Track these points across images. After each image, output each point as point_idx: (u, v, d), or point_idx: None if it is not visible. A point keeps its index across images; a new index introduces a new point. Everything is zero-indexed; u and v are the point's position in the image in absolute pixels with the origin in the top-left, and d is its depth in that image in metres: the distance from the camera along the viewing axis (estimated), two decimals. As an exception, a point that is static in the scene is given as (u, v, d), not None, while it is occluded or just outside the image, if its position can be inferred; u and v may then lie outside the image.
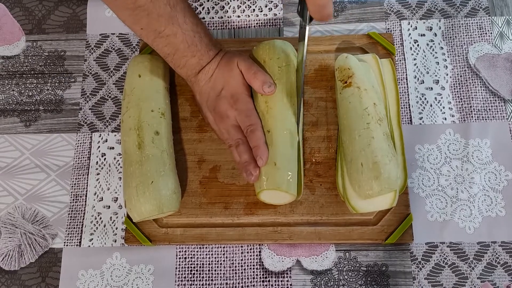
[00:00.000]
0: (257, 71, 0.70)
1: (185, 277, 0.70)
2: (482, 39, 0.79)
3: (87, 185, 0.75)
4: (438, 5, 0.82)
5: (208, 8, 0.85)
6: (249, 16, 0.84)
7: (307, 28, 0.62)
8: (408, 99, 0.77)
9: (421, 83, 0.77)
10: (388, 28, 0.81)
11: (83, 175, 0.76)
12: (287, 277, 0.69)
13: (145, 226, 0.71)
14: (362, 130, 0.66)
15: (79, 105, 0.80)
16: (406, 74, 0.78)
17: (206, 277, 0.70)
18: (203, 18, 0.84)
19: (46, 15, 0.86)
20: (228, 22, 0.83)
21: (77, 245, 0.72)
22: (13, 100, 0.81)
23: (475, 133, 0.74)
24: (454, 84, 0.77)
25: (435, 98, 0.76)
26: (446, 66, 0.78)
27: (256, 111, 0.71)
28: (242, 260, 0.70)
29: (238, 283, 0.69)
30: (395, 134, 0.71)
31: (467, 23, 0.80)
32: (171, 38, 0.66)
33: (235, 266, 0.70)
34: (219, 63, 0.71)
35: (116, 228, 0.73)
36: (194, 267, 0.70)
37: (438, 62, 0.78)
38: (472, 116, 0.75)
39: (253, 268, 0.70)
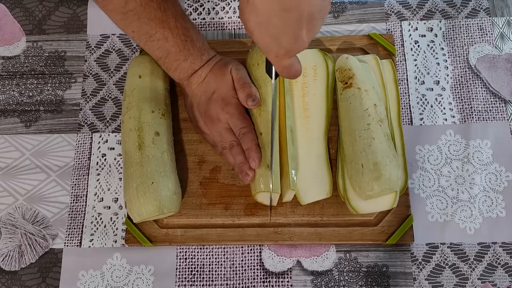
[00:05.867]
0: (246, 83, 0.70)
1: (185, 278, 0.70)
2: (482, 40, 0.79)
3: (87, 186, 0.75)
4: (439, 6, 0.82)
5: (208, 8, 0.85)
6: (249, 16, 0.84)
7: (274, 83, 0.61)
8: (409, 100, 0.77)
9: (421, 84, 0.77)
10: (389, 29, 0.81)
11: (84, 175, 0.76)
12: (287, 277, 0.69)
13: (146, 227, 0.71)
14: (362, 131, 0.66)
15: (79, 106, 0.80)
16: (407, 75, 0.78)
17: (206, 277, 0.70)
18: (203, 18, 0.84)
19: (47, 15, 0.86)
20: (229, 23, 0.83)
21: (77, 245, 0.72)
22: (13, 101, 0.81)
23: (476, 134, 0.74)
24: (454, 85, 0.77)
25: (436, 98, 0.76)
26: (447, 67, 0.78)
27: (249, 114, 0.71)
28: (242, 260, 0.70)
29: (239, 283, 0.69)
30: (396, 135, 0.71)
31: (467, 24, 0.80)
32: (162, 42, 0.67)
33: (236, 267, 0.70)
34: (212, 67, 0.71)
35: (117, 229, 0.73)
36: (194, 268, 0.70)
37: (438, 63, 0.78)
38: (472, 117, 0.75)
39: (254, 269, 0.70)
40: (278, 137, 0.69)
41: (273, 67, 0.56)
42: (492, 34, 0.79)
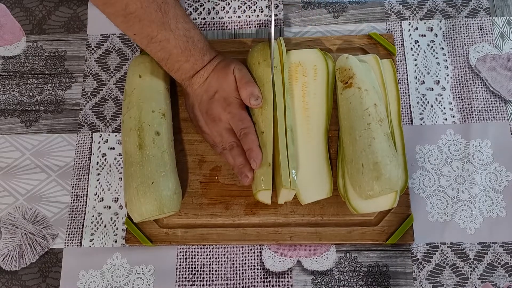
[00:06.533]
0: (249, 82, 0.70)
1: (185, 278, 0.70)
2: (482, 39, 0.79)
3: (87, 186, 0.75)
4: (439, 6, 0.82)
5: (208, 8, 0.85)
6: (249, 16, 0.84)
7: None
8: (409, 100, 0.77)
9: (421, 84, 0.77)
10: (389, 29, 0.81)
11: (84, 175, 0.76)
12: (287, 277, 0.69)
13: (146, 227, 0.71)
14: (362, 131, 0.66)
15: (79, 106, 0.80)
16: (407, 75, 0.78)
17: (206, 277, 0.70)
18: (204, 18, 0.84)
19: (47, 15, 0.86)
20: (229, 23, 0.83)
21: (77, 245, 0.72)
22: (13, 101, 0.81)
23: (476, 133, 0.74)
24: (454, 84, 0.77)
25: (436, 98, 0.76)
26: (447, 67, 0.78)
27: (250, 114, 0.71)
28: (242, 260, 0.70)
29: (239, 283, 0.69)
30: (396, 135, 0.71)
31: (467, 24, 0.80)
32: (164, 44, 0.67)
33: (236, 267, 0.70)
34: (215, 67, 0.71)
35: (117, 229, 0.73)
36: (194, 268, 0.70)
37: (438, 63, 0.78)
38: (472, 117, 0.75)
39: (254, 269, 0.70)
40: (284, 133, 0.68)
41: None
42: (492, 34, 0.79)
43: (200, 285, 0.70)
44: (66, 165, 0.77)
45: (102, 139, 0.78)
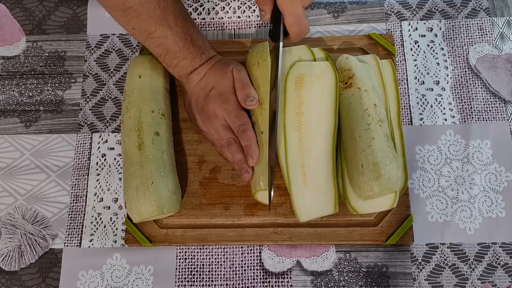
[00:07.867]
0: (246, 84, 0.70)
1: (185, 278, 0.70)
2: (482, 40, 0.79)
3: (87, 186, 0.75)
4: (439, 6, 0.82)
5: (208, 8, 0.85)
6: (249, 16, 0.84)
7: (281, 44, 0.65)
8: (409, 100, 0.77)
9: (421, 84, 0.77)
10: (389, 29, 0.81)
11: (83, 175, 0.76)
12: (287, 278, 0.69)
13: (145, 227, 0.71)
14: (362, 131, 0.66)
15: (79, 106, 0.80)
16: (407, 75, 0.78)
17: (206, 278, 0.70)
18: (203, 18, 0.84)
19: (47, 15, 0.86)
20: (229, 23, 0.83)
21: (77, 245, 0.72)
22: (13, 101, 0.81)
23: (476, 134, 0.74)
24: (454, 85, 0.77)
25: (436, 99, 0.76)
26: (447, 67, 0.78)
27: (249, 113, 0.72)
28: (242, 261, 0.70)
29: (238, 284, 0.69)
30: (396, 135, 0.71)
31: (467, 24, 0.80)
32: (161, 40, 0.67)
33: (235, 267, 0.70)
34: (213, 65, 0.72)
35: (116, 229, 0.73)
36: (194, 268, 0.70)
37: (438, 63, 0.78)
38: (472, 117, 0.75)
39: (253, 269, 0.70)
40: (283, 133, 0.68)
41: (282, 24, 0.62)
42: (492, 34, 0.79)
43: (199, 285, 0.70)
44: (66, 165, 0.77)
45: (102, 139, 0.78)
